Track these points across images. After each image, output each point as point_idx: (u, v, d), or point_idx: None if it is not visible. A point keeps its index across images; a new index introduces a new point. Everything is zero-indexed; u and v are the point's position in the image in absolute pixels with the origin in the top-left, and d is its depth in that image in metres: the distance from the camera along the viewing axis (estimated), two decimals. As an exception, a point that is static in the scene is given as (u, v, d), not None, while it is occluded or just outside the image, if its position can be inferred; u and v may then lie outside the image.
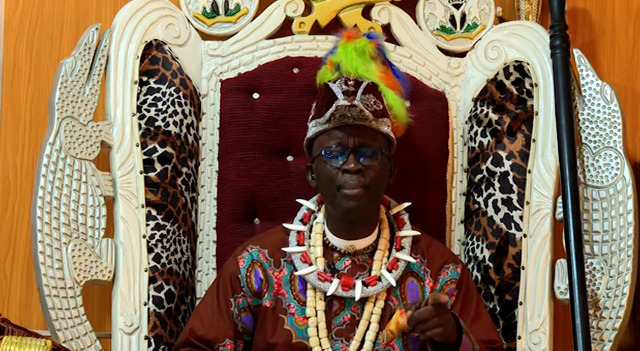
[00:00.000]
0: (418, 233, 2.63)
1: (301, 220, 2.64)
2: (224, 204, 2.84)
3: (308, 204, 2.67)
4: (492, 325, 2.64)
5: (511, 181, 2.83)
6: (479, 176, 2.87)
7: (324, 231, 2.61)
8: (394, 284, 2.55)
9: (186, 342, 2.58)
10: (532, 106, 2.88)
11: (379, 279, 2.56)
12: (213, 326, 2.57)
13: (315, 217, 2.64)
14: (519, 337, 2.76)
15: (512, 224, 2.81)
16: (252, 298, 2.59)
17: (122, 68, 2.81)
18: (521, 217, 2.81)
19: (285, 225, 2.64)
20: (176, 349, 2.60)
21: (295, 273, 2.57)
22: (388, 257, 2.59)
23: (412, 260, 2.58)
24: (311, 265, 2.56)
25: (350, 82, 2.56)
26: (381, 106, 2.57)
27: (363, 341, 2.52)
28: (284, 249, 2.59)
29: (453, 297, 2.59)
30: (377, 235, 2.61)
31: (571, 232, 2.70)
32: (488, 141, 2.87)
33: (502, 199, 2.83)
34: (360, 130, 2.53)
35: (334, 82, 2.57)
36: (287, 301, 2.57)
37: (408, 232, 2.62)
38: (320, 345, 2.52)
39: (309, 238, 2.61)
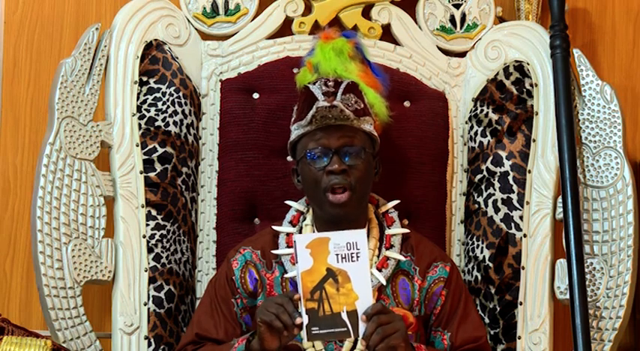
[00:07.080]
0: (407, 231, 2.61)
1: (290, 222, 2.63)
2: (224, 204, 2.84)
3: (297, 205, 2.65)
4: (479, 322, 2.62)
5: (511, 181, 2.83)
6: (479, 176, 2.87)
7: (313, 232, 2.59)
8: (384, 283, 2.53)
9: (194, 341, 2.56)
10: (532, 106, 2.88)
11: None
12: (220, 328, 2.55)
13: (305, 219, 2.62)
14: (519, 337, 2.76)
15: (512, 224, 2.81)
16: (248, 299, 2.58)
17: (122, 68, 2.81)
18: (521, 217, 2.81)
19: (275, 227, 2.62)
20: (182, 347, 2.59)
21: (285, 275, 2.56)
22: (378, 256, 2.58)
23: (402, 258, 2.57)
24: None
25: (330, 83, 2.54)
26: (362, 105, 2.55)
27: (355, 341, 2.51)
28: (273, 251, 2.59)
29: (442, 296, 2.58)
30: (366, 234, 2.59)
31: (571, 232, 2.70)
32: (488, 141, 2.87)
33: (502, 199, 2.83)
34: (342, 130, 2.51)
35: (314, 84, 2.55)
36: None
37: (397, 230, 2.60)
38: (313, 346, 2.51)
39: None
